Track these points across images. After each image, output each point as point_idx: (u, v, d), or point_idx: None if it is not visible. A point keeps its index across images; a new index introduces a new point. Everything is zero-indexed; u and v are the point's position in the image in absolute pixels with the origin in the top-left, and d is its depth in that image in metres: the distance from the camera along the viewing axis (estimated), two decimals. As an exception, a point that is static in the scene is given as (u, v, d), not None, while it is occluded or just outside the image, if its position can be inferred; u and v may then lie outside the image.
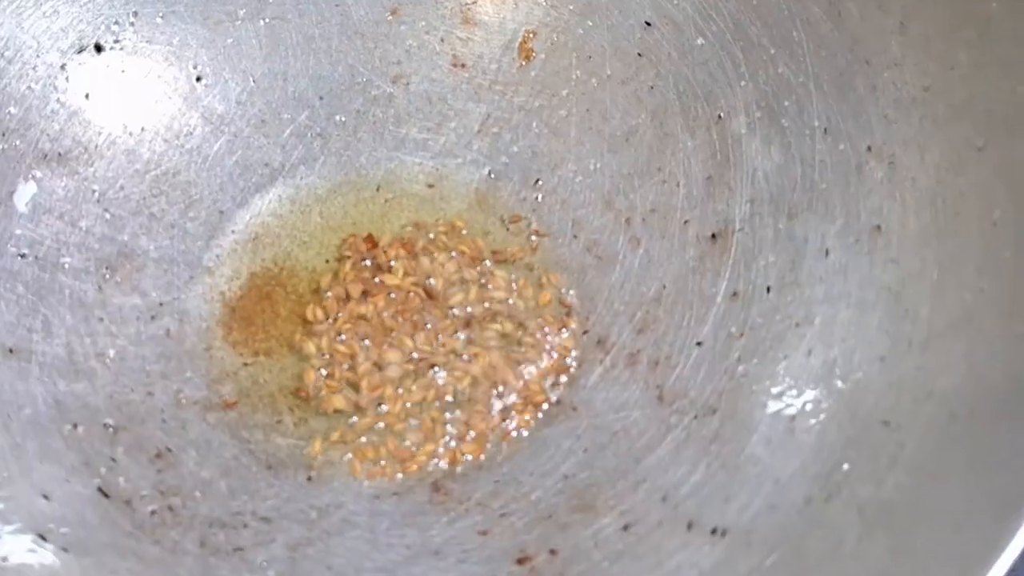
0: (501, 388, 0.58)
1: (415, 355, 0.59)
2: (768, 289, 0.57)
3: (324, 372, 0.59)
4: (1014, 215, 0.47)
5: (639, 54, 0.65)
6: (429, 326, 0.60)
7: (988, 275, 0.47)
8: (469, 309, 0.61)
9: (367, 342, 0.59)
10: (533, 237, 0.64)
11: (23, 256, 0.57)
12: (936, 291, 0.49)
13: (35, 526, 0.48)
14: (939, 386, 0.46)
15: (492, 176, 0.66)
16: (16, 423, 0.52)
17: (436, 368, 0.59)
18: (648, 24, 0.64)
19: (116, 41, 0.63)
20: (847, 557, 0.43)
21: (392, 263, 0.62)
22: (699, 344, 0.57)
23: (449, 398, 0.59)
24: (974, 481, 0.41)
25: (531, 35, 0.67)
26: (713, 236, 0.60)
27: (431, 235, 0.63)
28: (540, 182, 0.66)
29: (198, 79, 0.65)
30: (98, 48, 0.62)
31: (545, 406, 0.58)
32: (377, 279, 0.62)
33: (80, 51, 0.61)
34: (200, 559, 0.50)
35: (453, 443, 0.57)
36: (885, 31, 0.55)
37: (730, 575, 0.45)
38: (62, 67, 0.61)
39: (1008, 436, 0.42)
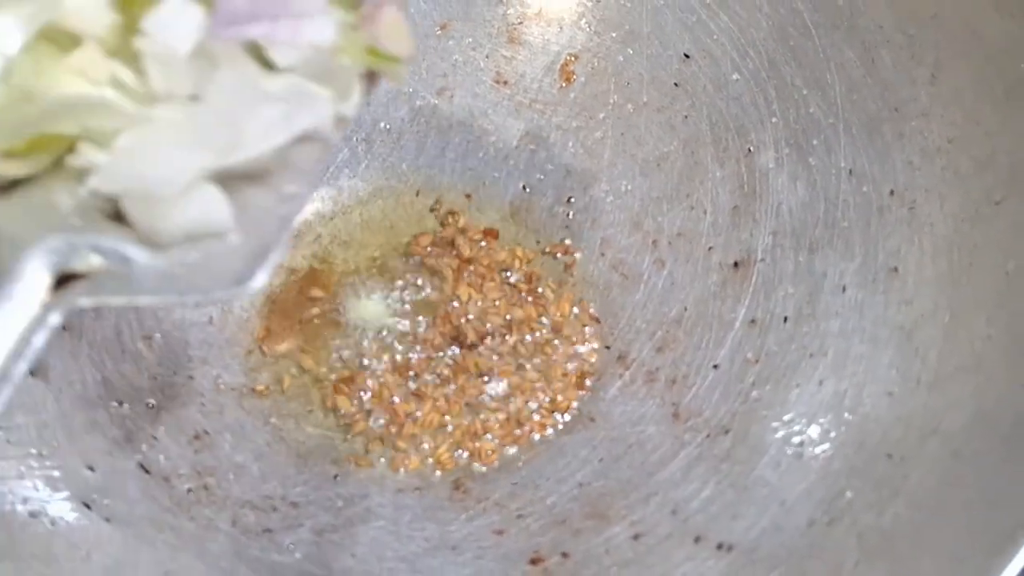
0: (527, 396, 0.61)
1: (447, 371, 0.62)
2: (785, 319, 0.59)
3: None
4: (1026, 267, 0.49)
5: (676, 84, 0.67)
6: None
7: (998, 324, 0.49)
8: (504, 318, 0.64)
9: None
10: (561, 255, 0.66)
11: (79, 238, 0.60)
12: (947, 334, 0.52)
13: (81, 495, 0.51)
14: (944, 425, 0.49)
15: (527, 191, 0.69)
16: (66, 397, 0.54)
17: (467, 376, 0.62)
18: (687, 56, 0.67)
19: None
20: (846, 580, 0.45)
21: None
22: (716, 367, 0.60)
23: (481, 398, 0.61)
24: (971, 517, 0.44)
25: (573, 58, 0.70)
26: (735, 264, 0.63)
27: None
28: (572, 199, 0.68)
29: (253, 79, 0.67)
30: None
31: (567, 416, 0.61)
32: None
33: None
34: (231, 537, 0.53)
35: (478, 443, 0.60)
36: (916, 81, 0.57)
37: (734, 589, 0.48)
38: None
39: (1008, 477, 0.44)
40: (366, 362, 0.62)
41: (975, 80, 0.55)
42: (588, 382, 0.62)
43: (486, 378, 0.62)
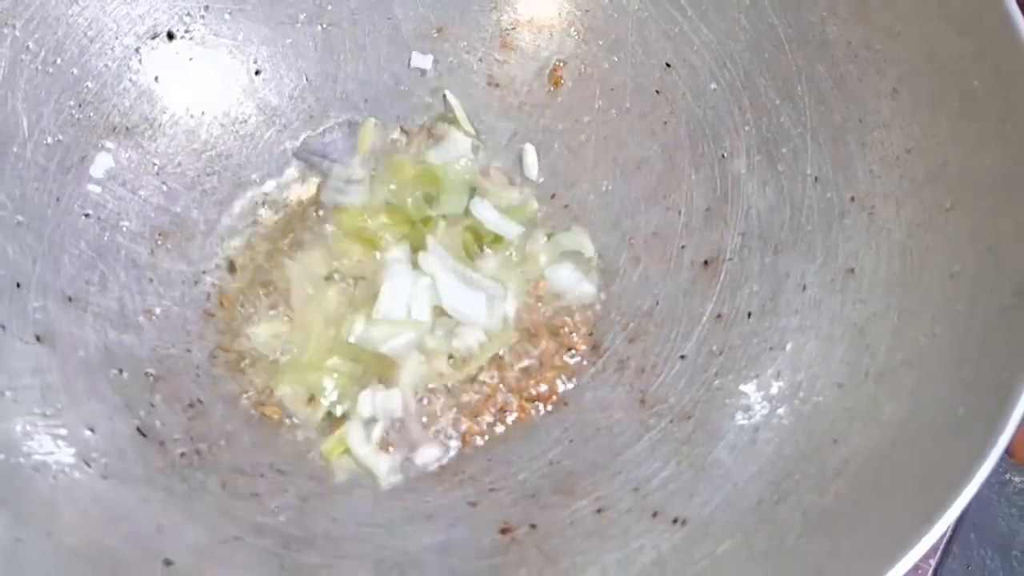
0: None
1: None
2: (749, 315, 0.63)
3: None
4: (972, 271, 0.53)
5: (657, 91, 0.71)
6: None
7: (942, 323, 0.53)
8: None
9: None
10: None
11: (87, 216, 0.64)
12: (896, 332, 0.55)
13: (82, 454, 0.54)
14: (886, 415, 0.52)
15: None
16: (70, 363, 0.58)
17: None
18: (668, 65, 0.70)
19: (187, 31, 0.69)
20: (788, 552, 0.49)
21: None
22: (683, 357, 0.63)
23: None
24: (902, 498, 0.47)
25: (561, 64, 0.74)
26: (705, 263, 0.66)
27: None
28: (555, 197, 0.72)
29: (257, 72, 0.71)
30: (170, 36, 0.69)
31: (549, 405, 0.64)
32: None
33: (154, 37, 0.68)
34: (220, 499, 0.57)
35: (464, 425, 0.63)
36: (879, 94, 0.61)
37: (685, 558, 0.51)
38: (136, 50, 0.67)
39: (939, 465, 0.48)
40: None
41: (932, 95, 0.58)
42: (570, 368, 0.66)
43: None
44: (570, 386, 0.65)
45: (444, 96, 0.73)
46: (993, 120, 0.54)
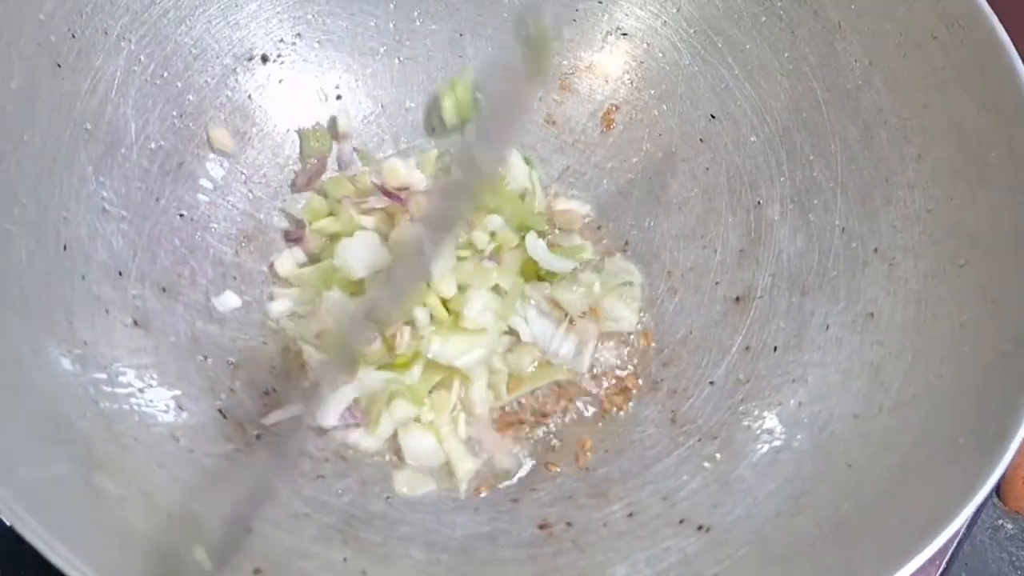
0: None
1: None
2: (775, 348, 0.69)
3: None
4: (977, 320, 0.59)
5: (701, 140, 0.77)
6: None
7: (949, 364, 0.59)
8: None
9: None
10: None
11: (182, 216, 0.70)
12: (908, 370, 0.61)
13: (171, 431, 0.60)
14: (897, 443, 0.58)
15: (563, 218, 0.79)
16: (163, 347, 0.64)
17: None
18: (712, 117, 0.77)
19: (279, 55, 0.76)
20: (802, 557, 0.55)
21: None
22: (712, 383, 0.69)
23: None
24: (908, 513, 0.53)
25: (614, 108, 0.80)
26: (737, 298, 0.73)
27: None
28: (601, 229, 0.79)
29: (338, 97, 0.78)
30: (264, 59, 0.76)
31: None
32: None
33: (250, 59, 0.75)
34: (290, 478, 0.63)
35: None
36: (905, 157, 0.67)
37: (708, 560, 0.57)
38: (234, 69, 0.74)
39: (942, 486, 0.54)
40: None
41: (953, 161, 0.64)
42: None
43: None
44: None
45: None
46: (1006, 188, 0.61)
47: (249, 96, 0.75)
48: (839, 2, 0.71)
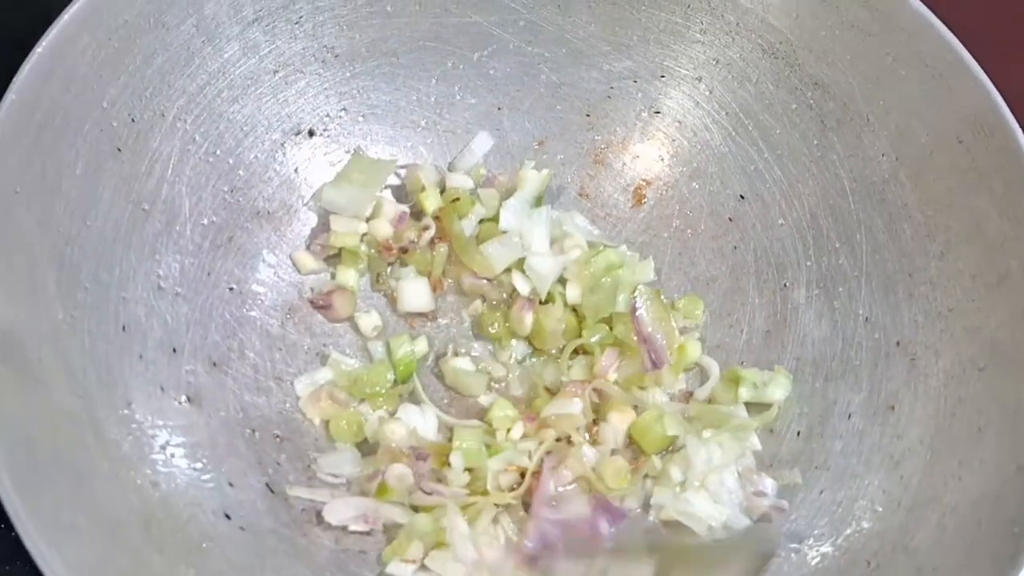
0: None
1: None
2: (798, 434, 0.72)
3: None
4: (996, 428, 0.62)
5: (730, 219, 0.80)
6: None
7: (967, 468, 0.62)
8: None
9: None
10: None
11: (231, 290, 0.73)
12: (927, 469, 0.64)
13: (224, 507, 0.63)
14: (914, 543, 0.61)
15: (594, 290, 0.81)
16: (214, 422, 0.67)
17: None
18: (742, 197, 0.80)
19: (325, 130, 0.79)
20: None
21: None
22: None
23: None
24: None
25: (646, 184, 0.83)
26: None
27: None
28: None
29: (381, 168, 0.81)
30: (311, 133, 0.78)
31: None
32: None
33: (297, 133, 0.78)
34: (334, 553, 0.66)
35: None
36: (928, 254, 0.70)
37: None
38: (282, 144, 0.77)
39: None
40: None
41: (975, 264, 0.67)
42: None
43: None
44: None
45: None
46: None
47: (295, 169, 0.78)
48: (868, 97, 0.73)
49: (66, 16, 0.62)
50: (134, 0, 0.65)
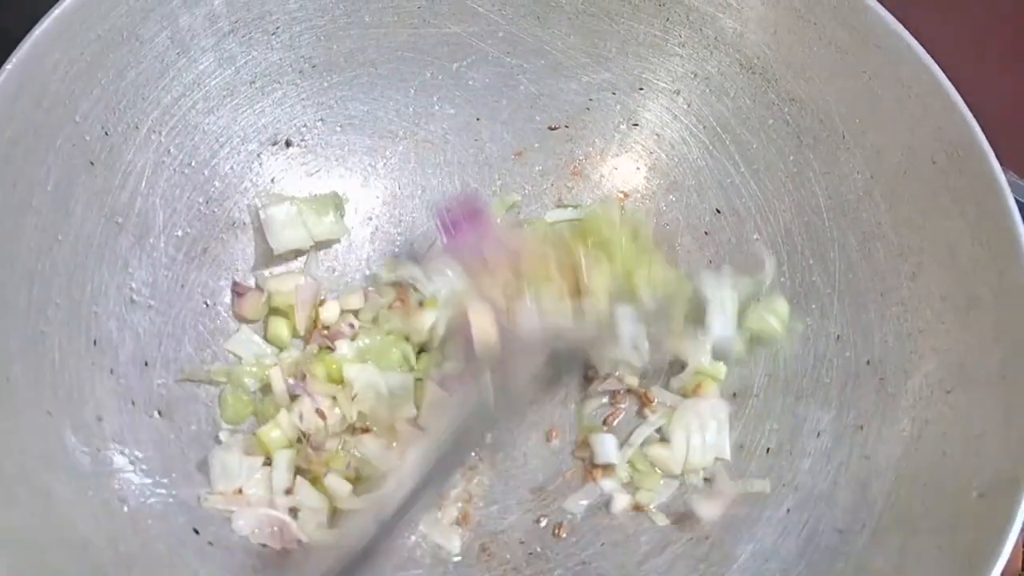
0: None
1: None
2: (768, 450, 0.72)
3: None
4: (960, 454, 0.62)
5: (706, 233, 0.80)
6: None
7: (931, 494, 0.62)
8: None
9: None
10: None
11: (207, 305, 0.73)
12: (892, 492, 0.65)
13: (192, 522, 0.64)
14: (875, 566, 0.62)
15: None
16: (184, 436, 0.68)
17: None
18: (718, 211, 0.80)
19: (302, 140, 0.79)
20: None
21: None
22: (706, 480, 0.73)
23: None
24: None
25: (623, 196, 0.83)
26: (734, 394, 0.76)
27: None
28: (606, 314, 0.81)
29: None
30: (288, 143, 0.78)
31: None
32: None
33: (274, 144, 0.78)
34: (299, 555, 0.66)
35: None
36: (900, 275, 0.70)
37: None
38: (258, 155, 0.77)
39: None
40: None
41: (946, 287, 0.67)
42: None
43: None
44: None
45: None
46: (992, 327, 0.64)
47: (272, 180, 0.78)
48: (845, 115, 0.73)
49: (37, 31, 0.62)
50: (107, 14, 0.65)
